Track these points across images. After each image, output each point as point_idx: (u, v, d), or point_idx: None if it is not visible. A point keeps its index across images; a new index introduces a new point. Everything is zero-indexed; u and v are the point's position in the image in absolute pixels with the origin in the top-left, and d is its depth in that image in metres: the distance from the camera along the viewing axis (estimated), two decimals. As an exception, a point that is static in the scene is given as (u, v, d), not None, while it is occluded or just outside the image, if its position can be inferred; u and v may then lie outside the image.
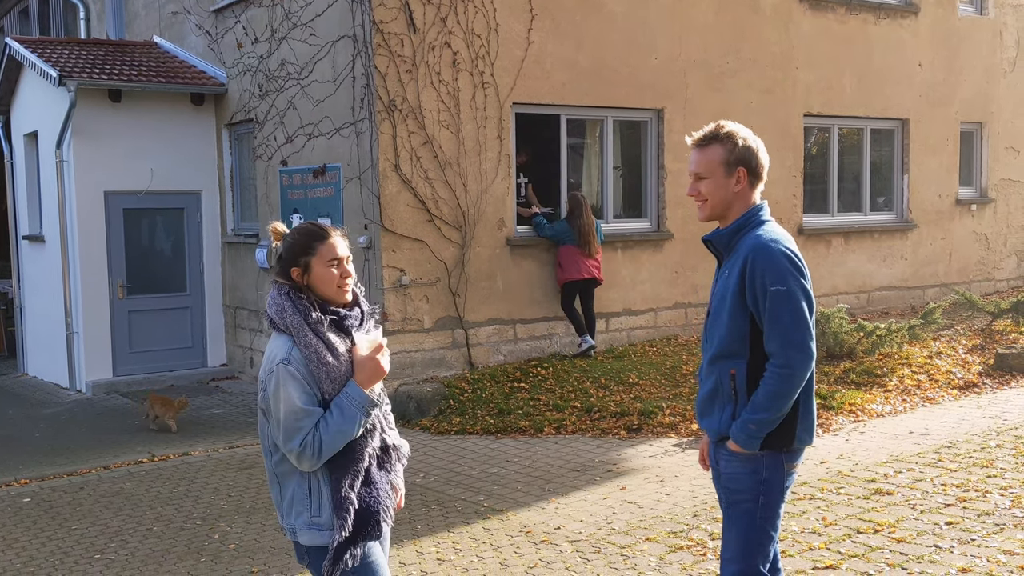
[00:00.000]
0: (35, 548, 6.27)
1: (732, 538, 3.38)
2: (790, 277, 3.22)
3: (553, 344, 10.46)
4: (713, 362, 3.38)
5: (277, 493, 3.24)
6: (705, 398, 3.44)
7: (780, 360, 3.21)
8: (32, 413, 11.47)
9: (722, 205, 3.38)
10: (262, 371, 3.15)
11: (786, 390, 3.22)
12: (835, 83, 12.52)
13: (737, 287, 3.27)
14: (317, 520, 3.15)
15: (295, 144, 10.72)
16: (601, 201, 11.09)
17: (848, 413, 8.42)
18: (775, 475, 3.33)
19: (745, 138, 3.38)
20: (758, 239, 3.29)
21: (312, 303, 3.13)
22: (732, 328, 3.30)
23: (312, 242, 3.16)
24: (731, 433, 3.32)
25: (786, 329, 3.21)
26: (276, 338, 3.15)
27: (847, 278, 12.79)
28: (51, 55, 12.24)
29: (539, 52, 10.18)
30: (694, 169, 3.40)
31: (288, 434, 3.04)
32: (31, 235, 13.83)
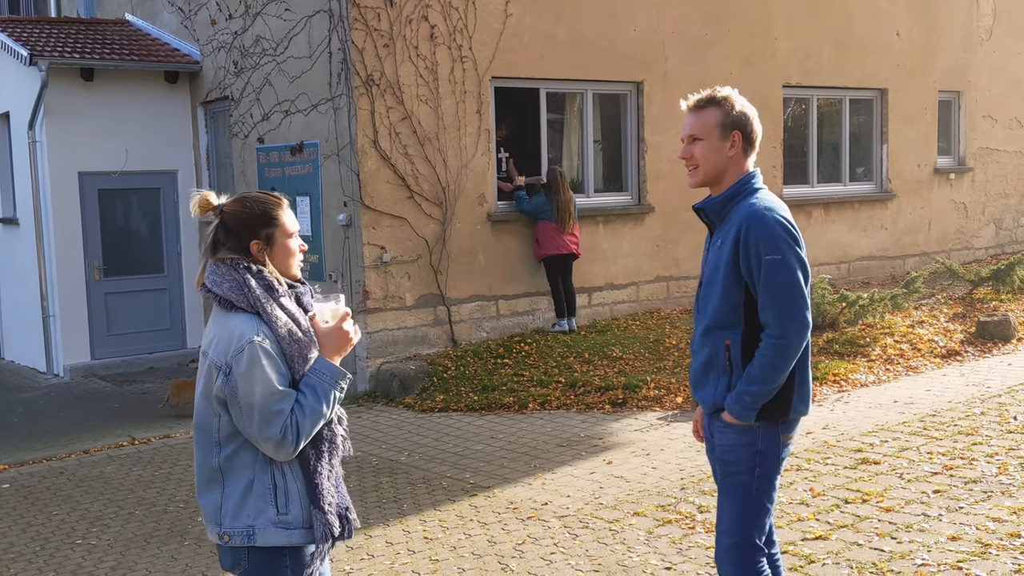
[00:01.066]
0: (15, 535, 6.19)
1: (727, 510, 3.35)
2: (785, 246, 3.17)
3: (536, 320, 10.41)
4: (707, 333, 3.33)
5: (216, 496, 2.84)
6: (699, 370, 3.39)
7: (775, 330, 3.17)
8: (9, 398, 11.34)
9: (715, 170, 3.31)
10: (218, 353, 2.78)
11: (781, 361, 3.18)
12: (814, 53, 12.47)
13: (731, 256, 3.21)
14: (285, 518, 2.82)
15: (272, 121, 10.58)
16: (582, 175, 11.02)
17: (832, 383, 8.43)
18: (771, 446, 3.29)
19: (742, 104, 3.32)
20: (752, 207, 3.22)
21: (275, 276, 2.87)
22: (726, 298, 3.25)
23: (273, 211, 2.89)
24: (726, 405, 3.27)
25: (781, 299, 3.16)
26: (233, 316, 2.81)
27: (828, 249, 12.79)
28: (21, 34, 12.01)
29: (517, 25, 10.07)
30: (688, 132, 3.33)
31: (265, 420, 2.73)
32: (5, 218, 13.60)
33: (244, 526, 2.82)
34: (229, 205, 2.91)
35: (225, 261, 2.86)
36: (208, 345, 2.86)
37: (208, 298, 2.87)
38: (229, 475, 2.84)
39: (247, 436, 2.80)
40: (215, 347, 2.82)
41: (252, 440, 2.80)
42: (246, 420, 2.77)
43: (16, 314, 13.55)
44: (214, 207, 2.91)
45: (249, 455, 2.83)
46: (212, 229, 2.92)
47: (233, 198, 2.94)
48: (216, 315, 2.88)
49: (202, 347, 2.90)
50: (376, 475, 6.91)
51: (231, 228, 2.88)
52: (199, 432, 2.90)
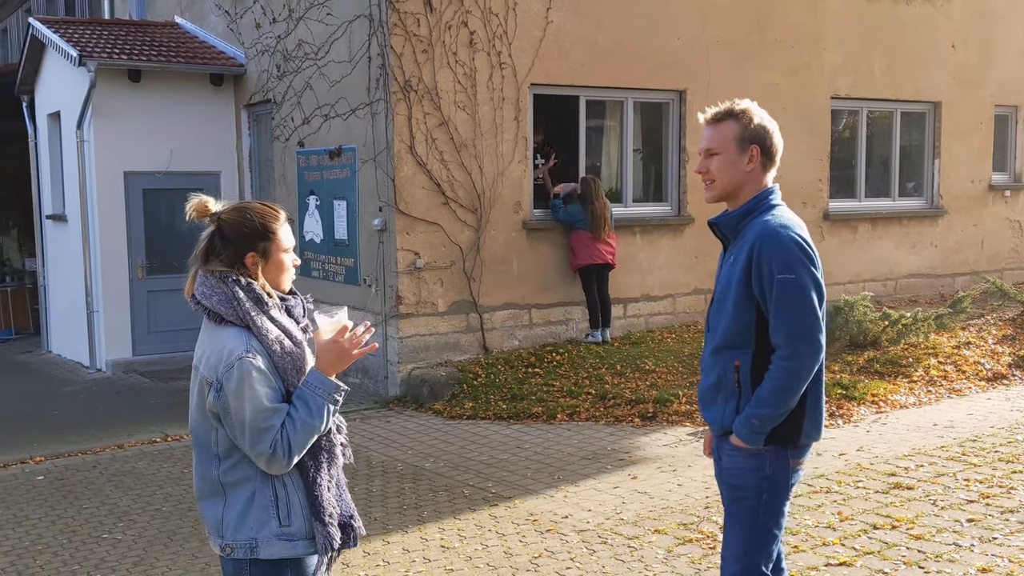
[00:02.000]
0: (44, 526, 6.26)
1: (734, 536, 3.25)
2: (799, 265, 3.05)
3: (569, 329, 10.32)
4: (717, 352, 3.23)
5: (218, 508, 2.82)
6: (708, 389, 3.29)
7: (786, 352, 3.06)
8: (52, 391, 11.53)
9: (732, 184, 3.21)
10: (208, 369, 2.75)
11: (791, 384, 3.06)
12: (863, 65, 12.24)
13: (743, 274, 3.11)
14: (287, 530, 2.80)
15: (312, 125, 10.63)
16: (620, 184, 10.91)
17: (870, 404, 8.23)
18: (780, 472, 3.17)
19: (761, 117, 3.23)
20: (766, 224, 3.12)
21: (264, 290, 2.82)
22: (737, 317, 3.15)
23: (271, 225, 2.84)
24: (734, 428, 3.17)
25: (793, 319, 3.05)
26: (223, 330, 2.77)
27: (873, 265, 12.54)
28: (72, 35, 12.22)
29: (558, 32, 10.00)
30: (705, 145, 3.25)
31: (256, 436, 2.70)
32: (54, 214, 13.86)
33: (247, 539, 2.80)
34: (227, 214, 2.86)
35: (215, 273, 2.81)
36: (199, 359, 2.82)
37: (198, 310, 2.83)
38: (230, 488, 2.82)
39: (242, 449, 2.77)
40: (205, 362, 2.78)
41: (247, 454, 2.77)
42: (239, 435, 2.74)
43: (63, 309, 13.78)
44: (211, 214, 2.86)
45: (250, 468, 2.80)
46: (206, 236, 2.87)
47: (232, 207, 2.89)
48: (206, 328, 2.85)
49: (194, 360, 2.86)
50: (400, 481, 6.88)
51: (228, 238, 2.83)
52: (198, 445, 2.88)
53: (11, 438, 8.94)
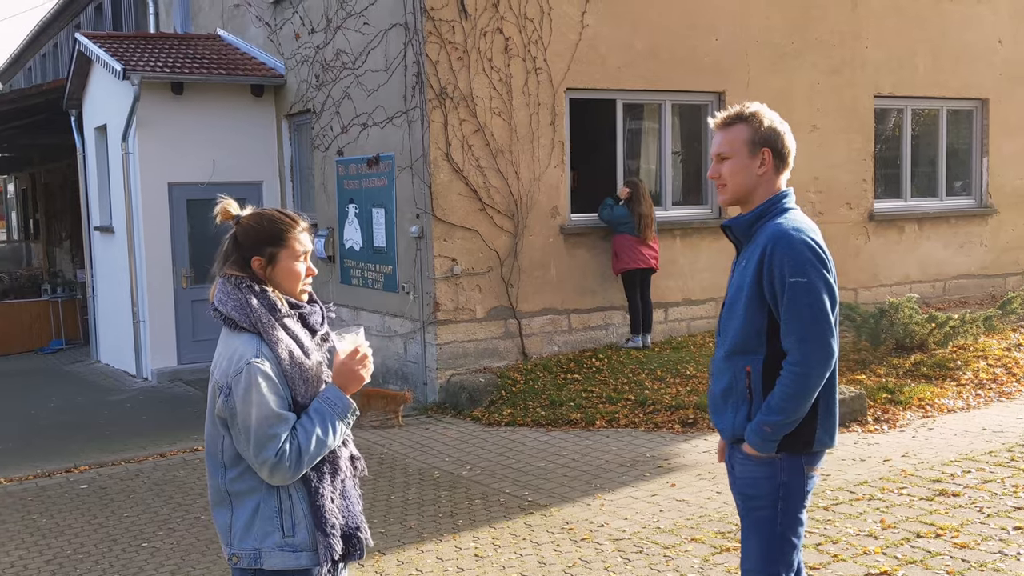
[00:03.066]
0: (86, 535, 6.33)
1: (752, 547, 3.18)
2: (811, 268, 2.99)
3: (609, 335, 10.25)
4: (728, 358, 3.17)
5: (226, 516, 2.82)
6: (718, 395, 3.23)
7: (796, 357, 3.00)
8: (99, 399, 11.72)
9: (744, 188, 3.16)
10: (220, 374, 2.75)
11: (802, 391, 3.00)
12: (907, 62, 12.02)
13: (754, 278, 3.05)
14: (291, 540, 2.78)
15: (350, 134, 10.68)
16: (660, 187, 10.82)
17: (916, 408, 8.06)
18: (794, 479, 3.11)
19: (772, 119, 3.17)
20: (778, 227, 3.07)
21: (278, 297, 2.82)
22: (748, 322, 3.09)
23: (282, 231, 2.83)
24: (745, 435, 3.11)
25: (804, 324, 2.99)
26: (236, 336, 2.77)
27: (921, 266, 12.30)
28: (117, 49, 12.42)
29: (594, 36, 9.95)
30: (717, 149, 3.20)
31: (260, 443, 2.67)
32: (101, 226, 14.10)
33: (251, 548, 2.80)
34: (245, 218, 2.88)
35: (231, 279, 2.82)
36: (214, 365, 2.83)
37: (216, 317, 2.83)
38: (236, 497, 2.81)
39: (246, 459, 2.75)
40: (219, 367, 2.79)
41: (250, 464, 2.75)
42: (243, 442, 2.72)
43: (110, 319, 14.01)
44: (233, 217, 2.88)
45: (255, 478, 2.79)
46: (224, 240, 2.89)
47: (250, 212, 2.90)
48: (223, 335, 2.86)
49: (211, 367, 2.87)
50: (436, 488, 6.86)
51: (240, 242, 2.85)
52: (207, 453, 2.88)
53: (58, 447, 9.10)
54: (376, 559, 5.54)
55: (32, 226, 24.75)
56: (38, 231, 23.33)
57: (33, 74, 27.18)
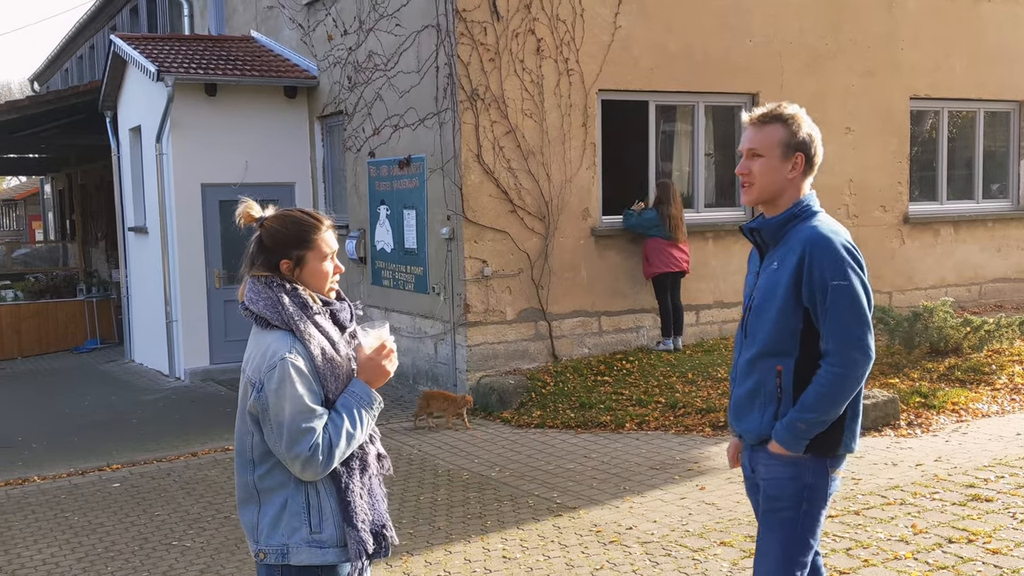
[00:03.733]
0: (118, 533, 6.39)
1: (770, 548, 3.16)
2: (851, 271, 3.01)
3: (640, 337, 10.21)
4: (756, 360, 3.14)
5: (254, 513, 2.84)
6: (743, 398, 3.20)
7: (837, 359, 2.99)
8: (132, 399, 11.83)
9: (771, 189, 3.13)
10: (252, 370, 2.78)
11: (840, 392, 3.00)
12: (943, 64, 11.88)
13: (791, 280, 3.04)
14: (319, 536, 2.80)
15: (382, 135, 10.72)
16: (691, 190, 10.77)
17: (950, 412, 7.96)
18: (819, 481, 3.10)
19: (808, 125, 3.15)
20: (815, 231, 3.06)
21: (309, 294, 2.85)
22: (782, 324, 3.07)
23: (308, 233, 2.85)
24: (774, 433, 3.08)
25: (846, 326, 2.98)
26: (268, 334, 2.79)
27: (957, 269, 12.16)
28: (152, 51, 12.54)
29: (626, 37, 9.92)
30: (748, 145, 3.15)
31: (294, 438, 2.69)
32: (135, 226, 14.25)
33: (279, 544, 2.81)
34: (269, 220, 2.89)
35: (260, 278, 2.84)
36: (246, 363, 2.86)
37: (246, 316, 2.86)
38: (264, 494, 2.83)
39: (277, 455, 2.77)
40: (251, 364, 2.81)
41: (281, 459, 2.76)
42: (275, 437, 2.74)
43: (144, 319, 14.15)
44: (256, 219, 2.89)
45: (283, 474, 2.81)
46: (251, 242, 2.90)
47: (275, 213, 2.91)
48: (253, 333, 2.88)
49: (242, 365, 2.90)
50: (465, 490, 6.87)
51: (265, 244, 2.86)
52: (236, 449, 2.91)
53: (92, 446, 9.20)
54: (404, 560, 5.55)
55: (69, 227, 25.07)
56: (74, 232, 23.63)
57: (70, 76, 27.54)
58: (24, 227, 35.92)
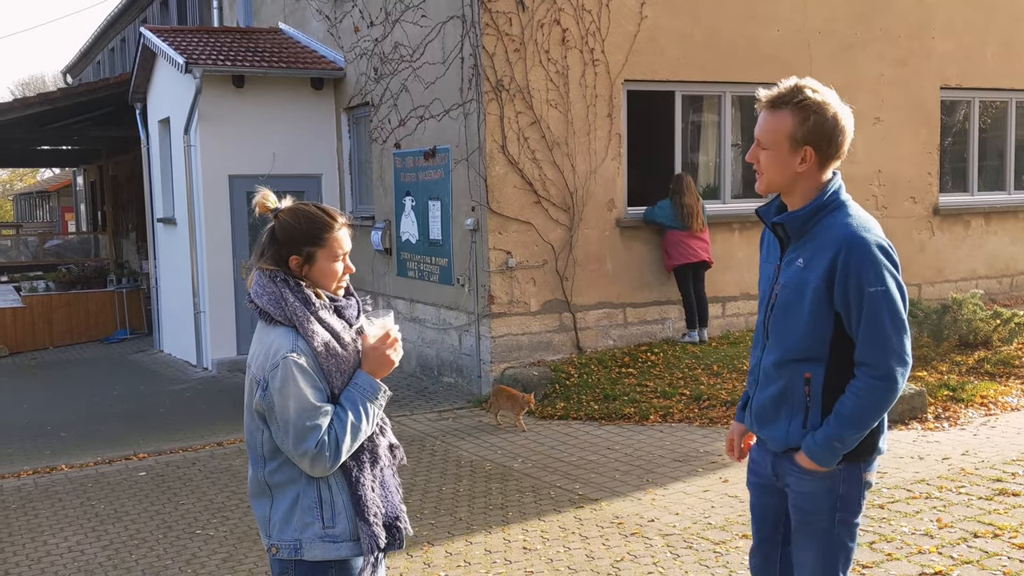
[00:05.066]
0: (143, 522, 6.44)
1: (810, 559, 3.02)
2: (888, 275, 2.81)
3: (665, 329, 10.16)
4: (782, 365, 2.96)
5: (266, 508, 2.84)
6: (768, 402, 3.02)
7: (880, 371, 2.81)
8: (160, 389, 11.93)
9: (780, 182, 2.94)
10: (256, 368, 2.77)
11: (882, 403, 2.83)
12: (976, 53, 11.71)
13: (823, 283, 2.84)
14: (331, 531, 2.78)
15: (408, 127, 10.72)
16: (719, 181, 10.69)
17: (979, 406, 7.86)
18: (853, 489, 2.95)
19: (824, 109, 2.83)
20: (848, 228, 2.84)
21: (313, 291, 2.82)
22: (813, 329, 2.88)
23: (321, 231, 2.81)
24: (807, 450, 2.91)
25: (887, 336, 2.80)
26: (272, 330, 2.78)
27: (988, 261, 12.00)
28: (180, 43, 12.61)
29: (652, 27, 9.85)
30: (757, 134, 2.95)
31: (300, 435, 2.68)
32: (164, 217, 14.36)
33: (291, 539, 2.80)
34: (283, 213, 2.86)
35: (266, 272, 2.83)
36: (250, 359, 2.85)
37: (251, 309, 2.85)
38: (276, 489, 2.83)
39: (284, 452, 2.76)
40: (255, 361, 2.80)
41: (289, 456, 2.76)
42: (282, 435, 2.73)
43: (172, 309, 14.26)
44: (271, 210, 2.87)
45: (294, 470, 2.80)
46: (264, 232, 2.89)
47: (289, 207, 2.88)
48: (259, 328, 2.87)
49: (247, 360, 2.88)
50: (487, 481, 6.87)
51: (277, 237, 2.84)
52: (247, 445, 2.91)
53: (120, 435, 9.29)
54: (425, 550, 5.56)
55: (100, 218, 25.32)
56: (105, 223, 23.87)
57: (102, 68, 27.78)
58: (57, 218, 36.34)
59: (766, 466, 3.13)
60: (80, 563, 5.73)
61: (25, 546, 6.07)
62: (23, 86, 54.60)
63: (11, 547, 6.07)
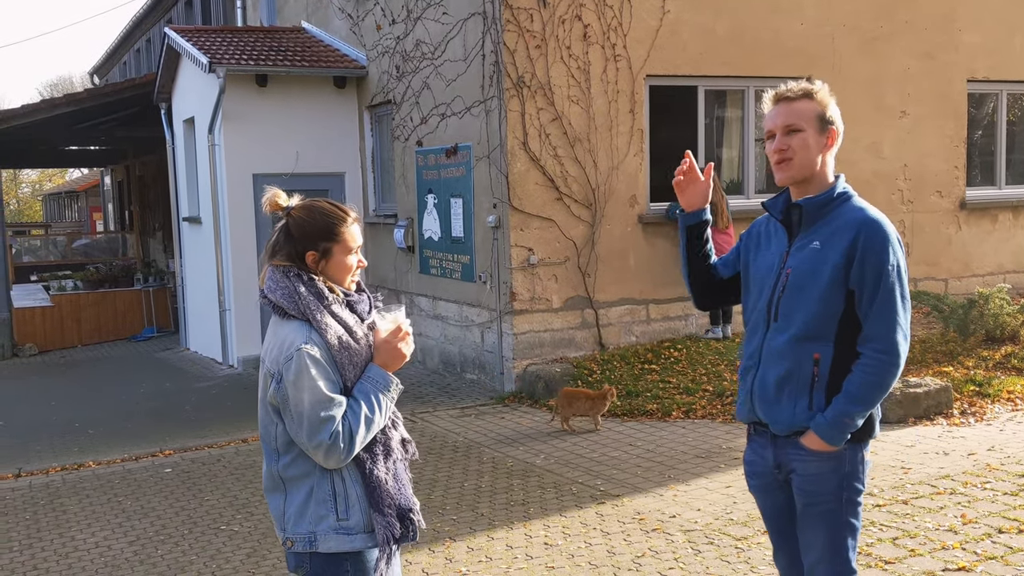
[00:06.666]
0: (168, 518, 6.50)
1: (819, 541, 3.07)
2: (900, 259, 2.99)
3: (688, 325, 10.13)
4: (794, 342, 3.02)
5: (280, 502, 2.87)
6: (772, 383, 3.07)
7: (884, 345, 2.94)
8: (186, 387, 12.02)
9: (810, 165, 3.04)
10: (271, 361, 2.79)
11: (888, 379, 2.95)
12: (1004, 45, 11.58)
13: (843, 260, 2.95)
14: (346, 523, 2.81)
15: (429, 124, 10.74)
16: (742, 176, 10.64)
17: (1006, 401, 7.79)
18: (856, 467, 3.04)
19: (832, 100, 3.11)
20: (866, 213, 3.01)
21: (326, 285, 2.85)
22: (825, 307, 2.98)
23: (336, 226, 2.85)
24: (818, 430, 2.97)
25: (895, 313, 2.95)
26: (285, 324, 2.81)
27: (1016, 255, 11.86)
28: (204, 43, 12.68)
29: (675, 21, 9.81)
30: (785, 121, 3.03)
31: (314, 427, 2.71)
32: (189, 216, 14.45)
33: (306, 532, 2.83)
34: (296, 210, 2.90)
35: (279, 268, 2.86)
36: (265, 352, 2.87)
37: (264, 304, 2.88)
38: (290, 483, 2.86)
39: (299, 444, 2.79)
40: (270, 354, 2.83)
41: (303, 448, 2.78)
42: (296, 427, 2.76)
43: (198, 308, 14.36)
44: (283, 208, 2.90)
45: (308, 463, 2.83)
46: (276, 230, 2.92)
47: (302, 204, 2.91)
48: (272, 322, 2.90)
49: (261, 355, 2.91)
50: (509, 477, 6.87)
51: (291, 234, 2.87)
52: (262, 439, 2.94)
53: (146, 432, 9.37)
54: (447, 545, 5.57)
55: (127, 217, 25.54)
56: (132, 222, 24.08)
57: (128, 69, 28.02)
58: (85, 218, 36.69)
59: (765, 461, 3.19)
60: (107, 558, 5.79)
61: (53, 542, 6.14)
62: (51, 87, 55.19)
63: (39, 543, 6.14)
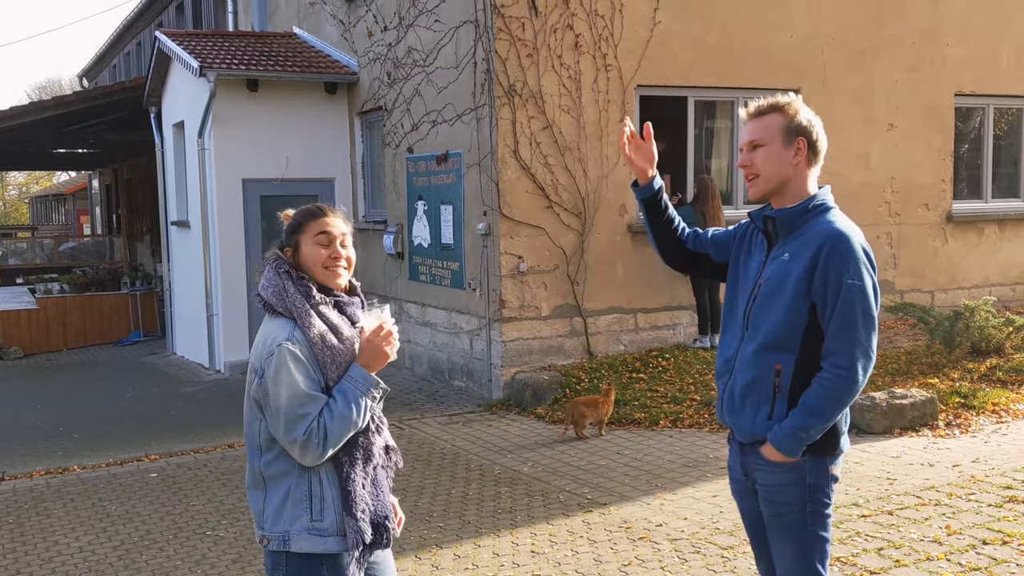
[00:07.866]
0: (153, 523, 6.47)
1: (787, 552, 3.10)
2: (865, 272, 2.96)
3: (677, 334, 10.16)
4: (759, 352, 3.04)
5: (260, 499, 2.90)
6: (738, 391, 3.09)
7: (844, 361, 2.93)
8: (172, 391, 11.99)
9: (777, 178, 3.06)
10: (255, 357, 2.87)
11: (846, 394, 2.94)
12: (990, 59, 11.67)
13: (804, 274, 2.96)
14: (319, 524, 2.84)
15: (420, 131, 10.76)
16: (731, 187, 10.69)
17: (991, 413, 7.83)
18: (820, 480, 3.04)
19: (806, 111, 3.10)
20: (832, 226, 3.00)
21: (312, 284, 2.90)
22: (789, 318, 2.99)
23: (303, 220, 2.94)
24: (774, 440, 3.00)
25: (856, 328, 2.93)
26: (272, 321, 2.88)
27: (1002, 268, 11.94)
28: (195, 47, 12.68)
29: (665, 32, 9.86)
30: (748, 138, 3.09)
31: (290, 423, 2.75)
32: (178, 220, 14.43)
33: (281, 531, 2.86)
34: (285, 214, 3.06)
35: (271, 265, 2.94)
36: (253, 348, 2.94)
37: (258, 302, 2.95)
38: (270, 481, 2.88)
39: (279, 440, 2.82)
40: (255, 350, 2.89)
41: (282, 444, 2.81)
42: (274, 422, 2.79)
43: (186, 312, 14.33)
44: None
45: (288, 462, 2.85)
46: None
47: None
48: (264, 320, 2.95)
49: (250, 351, 2.98)
50: (496, 484, 6.88)
51: (281, 234, 3.00)
52: (246, 436, 2.97)
53: (131, 437, 9.34)
54: (433, 552, 5.57)
55: (115, 221, 25.46)
56: (120, 226, 24.00)
57: (117, 72, 27.95)
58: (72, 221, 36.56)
59: (736, 467, 3.23)
60: (91, 563, 5.76)
61: (36, 546, 6.11)
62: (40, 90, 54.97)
63: (23, 547, 6.11)
